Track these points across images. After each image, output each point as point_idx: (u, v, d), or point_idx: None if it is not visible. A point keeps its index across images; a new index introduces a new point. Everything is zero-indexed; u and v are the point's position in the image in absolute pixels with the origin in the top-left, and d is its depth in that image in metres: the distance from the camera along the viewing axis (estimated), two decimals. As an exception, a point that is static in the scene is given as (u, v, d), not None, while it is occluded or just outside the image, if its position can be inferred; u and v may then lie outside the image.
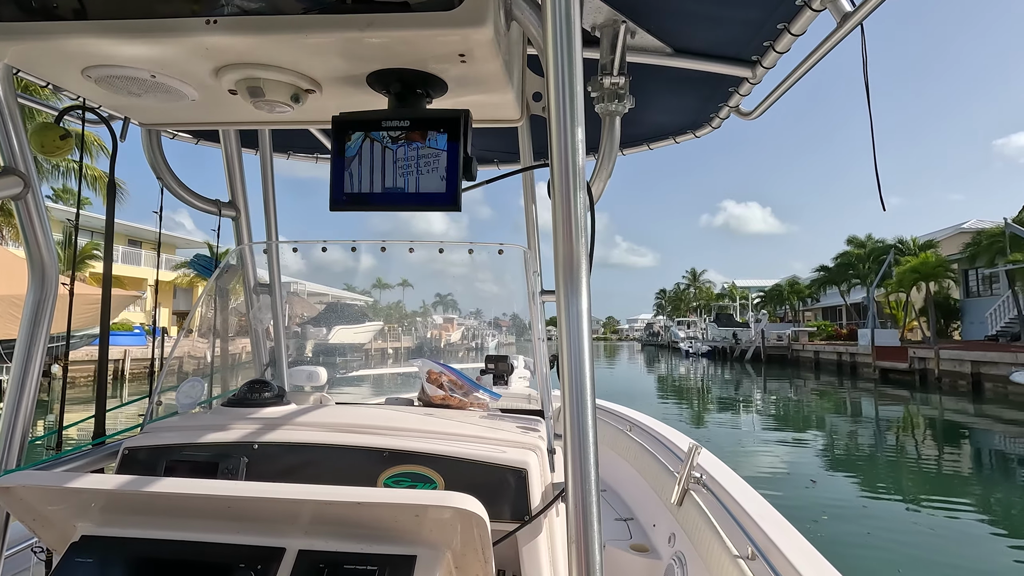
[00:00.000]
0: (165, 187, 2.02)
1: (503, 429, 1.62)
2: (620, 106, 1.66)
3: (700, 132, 2.59)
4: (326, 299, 9.71)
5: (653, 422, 3.80)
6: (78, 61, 1.09)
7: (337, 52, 1.05)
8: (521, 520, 1.37)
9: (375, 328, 9.83)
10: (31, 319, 1.39)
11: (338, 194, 1.09)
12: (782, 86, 1.94)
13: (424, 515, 1.05)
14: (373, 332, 9.27)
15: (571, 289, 1.06)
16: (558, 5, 0.97)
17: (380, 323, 10.59)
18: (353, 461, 1.46)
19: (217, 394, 2.22)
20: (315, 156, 3.05)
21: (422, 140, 1.07)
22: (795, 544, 1.90)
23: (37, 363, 1.40)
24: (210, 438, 1.52)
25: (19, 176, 1.33)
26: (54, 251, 1.43)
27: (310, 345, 3.20)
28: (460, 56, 1.05)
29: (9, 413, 1.36)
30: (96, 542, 1.14)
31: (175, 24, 0.99)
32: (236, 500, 1.07)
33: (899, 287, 32.87)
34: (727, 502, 2.30)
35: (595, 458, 1.02)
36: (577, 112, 1.00)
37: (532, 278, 2.18)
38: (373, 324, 10.30)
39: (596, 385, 1.03)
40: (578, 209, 1.03)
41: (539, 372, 2.19)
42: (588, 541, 0.99)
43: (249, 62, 1.08)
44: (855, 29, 1.46)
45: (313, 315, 6.77)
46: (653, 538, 3.01)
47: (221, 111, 1.35)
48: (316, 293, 8.70)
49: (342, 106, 1.14)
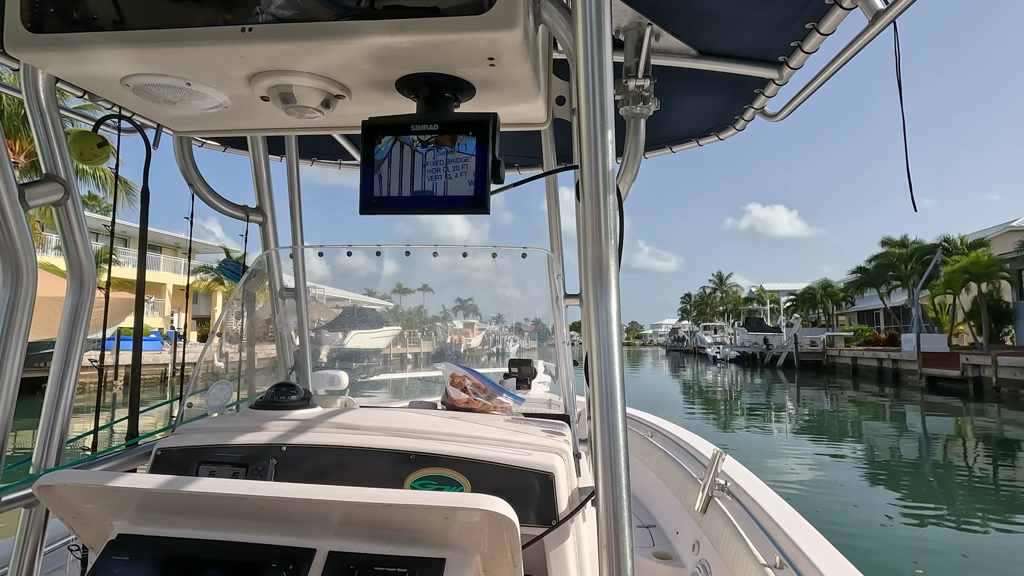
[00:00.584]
0: (195, 193, 2.06)
1: (528, 433, 1.61)
2: (645, 108, 1.65)
3: (724, 135, 2.57)
4: (345, 303, 9.77)
5: (676, 428, 3.76)
6: (117, 71, 1.12)
7: (368, 58, 1.06)
8: (547, 524, 1.36)
9: (393, 333, 9.85)
10: (69, 322, 1.43)
11: (368, 198, 1.10)
12: (810, 87, 1.91)
13: (453, 517, 1.05)
14: (391, 336, 9.29)
15: (600, 292, 1.06)
16: (589, 9, 0.97)
17: (398, 328, 10.62)
18: (380, 464, 1.47)
19: (244, 396, 2.26)
20: (339, 162, 3.09)
21: (451, 144, 1.08)
22: (824, 553, 1.86)
23: (75, 365, 1.43)
24: (240, 439, 1.54)
25: (60, 183, 1.38)
26: (92, 256, 1.47)
27: (325, 351, 3.25)
28: (489, 60, 1.06)
29: (48, 414, 1.40)
30: (132, 540, 1.16)
31: (212, 33, 1.01)
32: (268, 500, 1.08)
33: (947, 288, 30.90)
34: (753, 509, 2.26)
35: (626, 462, 1.01)
36: (607, 115, 1.00)
37: (556, 282, 2.18)
38: (391, 329, 10.32)
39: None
40: (608, 212, 1.03)
41: (563, 376, 2.19)
42: (619, 545, 0.98)
43: (282, 69, 1.10)
44: (888, 27, 1.43)
45: (332, 319, 6.83)
46: (677, 546, 2.98)
47: (252, 118, 1.38)
48: (334, 298, 8.69)
49: (370, 111, 1.16)
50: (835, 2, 1.44)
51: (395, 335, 9.72)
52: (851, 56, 1.65)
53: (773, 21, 1.65)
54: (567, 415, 1.92)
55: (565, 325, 2.14)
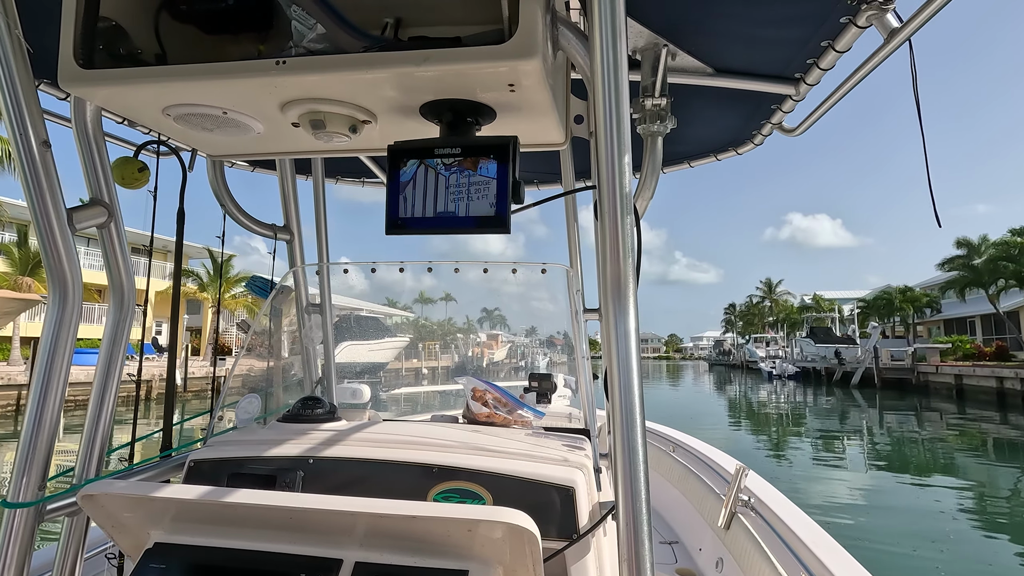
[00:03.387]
0: (227, 213, 2.14)
1: (549, 447, 1.63)
2: (662, 127, 1.68)
3: (742, 149, 2.58)
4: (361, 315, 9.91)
5: (697, 443, 3.73)
6: (160, 101, 1.19)
7: (393, 85, 1.11)
8: (568, 538, 1.37)
9: (402, 344, 9.88)
10: (111, 338, 1.50)
11: (393, 218, 1.14)
12: (827, 102, 1.92)
13: (476, 530, 1.08)
14: (400, 348, 9.31)
15: (618, 308, 1.08)
16: (605, 37, 1.01)
17: (407, 339, 10.63)
18: (404, 476, 1.50)
19: (271, 409, 2.32)
20: (362, 180, 3.17)
21: (473, 168, 1.12)
22: (850, 570, 1.84)
23: (115, 379, 1.50)
24: (269, 452, 1.59)
25: (104, 207, 1.45)
26: (133, 276, 1.54)
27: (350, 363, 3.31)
28: (510, 86, 1.10)
29: (90, 426, 1.46)
30: (168, 549, 1.21)
31: (248, 66, 1.07)
32: (297, 511, 1.12)
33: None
34: (777, 526, 2.24)
35: (645, 476, 1.03)
36: (624, 138, 1.03)
37: (575, 297, 2.20)
38: (398, 340, 10.35)
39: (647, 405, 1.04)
40: (625, 231, 1.06)
41: (583, 391, 2.20)
42: (640, 560, 1.00)
43: (313, 97, 1.16)
44: (903, 45, 1.45)
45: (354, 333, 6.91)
46: (699, 562, 2.94)
47: (283, 142, 1.44)
48: (346, 308, 8.65)
49: (395, 134, 1.21)
50: (850, 20, 1.46)
51: (402, 347, 9.76)
52: (868, 72, 1.66)
53: (788, 39, 1.67)
54: (587, 429, 1.93)
55: (584, 340, 2.16)
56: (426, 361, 9.44)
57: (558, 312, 2.42)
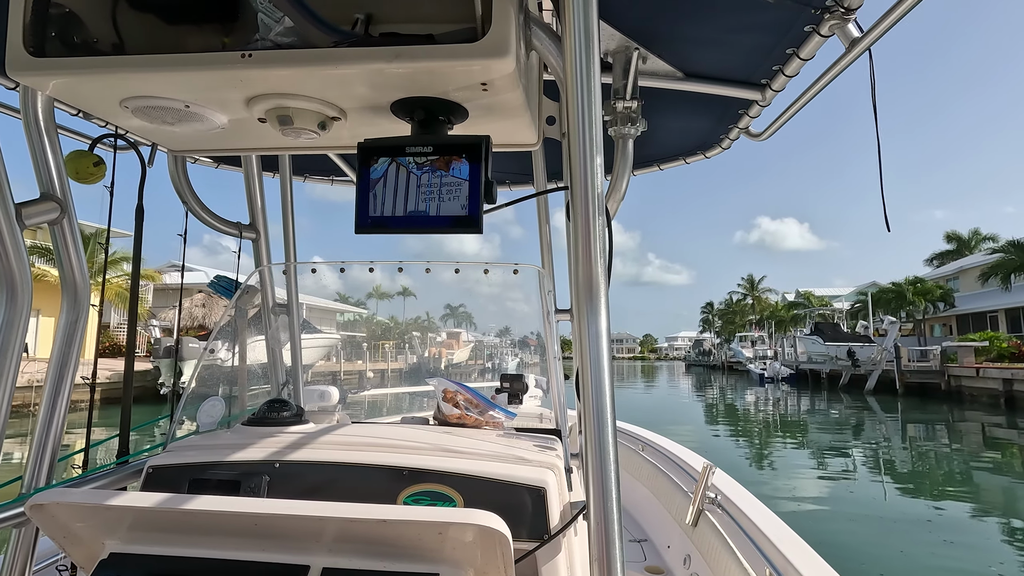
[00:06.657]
0: (189, 211, 2.08)
1: (520, 448, 1.63)
2: (633, 129, 1.70)
3: (710, 153, 2.63)
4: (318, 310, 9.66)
5: (666, 442, 3.78)
6: (117, 93, 1.14)
7: (364, 82, 1.09)
8: (539, 539, 1.37)
9: (331, 343, 9.69)
10: (64, 339, 1.43)
11: (363, 218, 1.12)
12: (792, 108, 1.98)
13: (447, 532, 1.07)
14: (329, 347, 9.13)
15: (590, 309, 1.09)
16: (577, 38, 1.01)
17: (336, 336, 10.46)
18: (373, 480, 1.48)
19: (235, 413, 2.25)
20: (331, 178, 3.11)
21: (445, 168, 1.10)
22: (814, 565, 1.89)
23: (68, 383, 1.43)
24: (233, 456, 1.54)
25: (56, 202, 1.39)
26: (87, 273, 1.47)
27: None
28: (482, 85, 1.09)
29: (41, 432, 1.39)
30: (124, 559, 1.16)
31: (212, 58, 1.04)
32: (262, 517, 1.09)
33: None
34: (743, 523, 2.28)
35: (616, 476, 1.04)
36: (596, 140, 1.04)
37: (547, 297, 2.21)
38: (325, 337, 10.14)
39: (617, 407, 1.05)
40: (597, 231, 1.07)
41: (554, 391, 2.21)
42: (611, 559, 1.00)
43: (280, 92, 1.13)
44: (863, 54, 1.50)
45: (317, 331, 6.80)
46: (668, 559, 2.99)
47: (248, 138, 1.40)
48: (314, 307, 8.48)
49: (365, 132, 1.19)
50: (813, 29, 1.51)
51: (334, 344, 9.57)
52: (831, 79, 1.72)
53: (755, 46, 1.72)
54: (559, 430, 1.94)
55: (556, 340, 2.17)
56: (391, 363, 9.30)
57: (531, 312, 2.42)
